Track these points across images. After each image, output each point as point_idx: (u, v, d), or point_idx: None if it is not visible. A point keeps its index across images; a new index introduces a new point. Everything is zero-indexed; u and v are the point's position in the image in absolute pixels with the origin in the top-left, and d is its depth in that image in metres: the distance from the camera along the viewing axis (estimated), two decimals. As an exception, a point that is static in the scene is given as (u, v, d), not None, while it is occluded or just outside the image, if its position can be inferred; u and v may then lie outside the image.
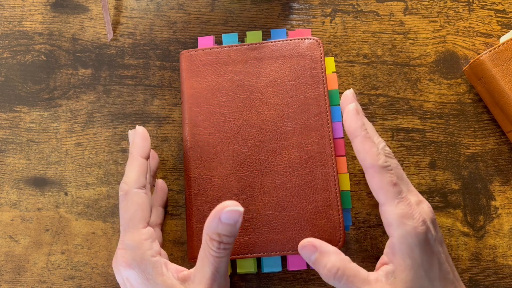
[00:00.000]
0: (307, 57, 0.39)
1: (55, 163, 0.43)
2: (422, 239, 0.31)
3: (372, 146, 0.32)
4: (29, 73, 0.45)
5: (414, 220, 0.31)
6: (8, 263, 0.42)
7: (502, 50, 0.41)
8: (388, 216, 0.32)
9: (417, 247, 0.31)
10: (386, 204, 0.32)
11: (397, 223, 0.31)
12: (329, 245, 0.34)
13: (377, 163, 0.32)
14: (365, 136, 0.33)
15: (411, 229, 0.31)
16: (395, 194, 0.31)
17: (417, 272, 0.31)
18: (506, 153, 0.43)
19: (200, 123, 0.39)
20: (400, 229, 0.31)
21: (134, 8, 0.46)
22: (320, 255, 0.33)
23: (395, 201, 0.31)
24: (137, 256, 0.32)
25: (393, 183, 0.32)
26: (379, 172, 0.32)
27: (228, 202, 0.31)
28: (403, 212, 0.31)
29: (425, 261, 0.31)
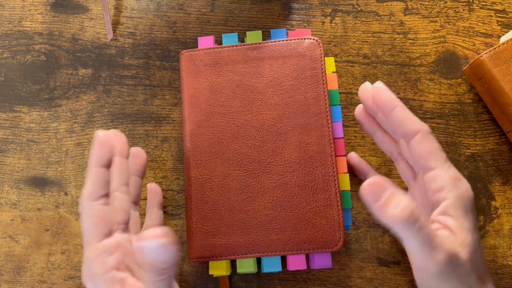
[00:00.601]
0: (307, 57, 0.39)
1: (55, 163, 0.43)
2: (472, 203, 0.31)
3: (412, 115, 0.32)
4: (29, 73, 0.45)
5: (466, 183, 0.31)
6: (8, 263, 0.42)
7: (502, 50, 0.41)
8: (441, 180, 0.31)
9: (470, 209, 0.31)
10: (437, 168, 0.31)
11: (452, 185, 0.31)
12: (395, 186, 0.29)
13: (424, 128, 0.31)
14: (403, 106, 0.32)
15: (466, 191, 0.31)
16: (445, 158, 0.31)
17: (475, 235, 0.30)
18: (506, 153, 0.43)
19: (200, 123, 0.39)
20: (455, 190, 0.31)
21: (134, 8, 0.46)
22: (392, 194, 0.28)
23: (447, 164, 0.31)
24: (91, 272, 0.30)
25: (441, 148, 0.32)
26: (427, 137, 0.31)
27: None
28: (456, 175, 0.31)
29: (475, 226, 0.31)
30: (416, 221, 0.27)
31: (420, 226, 0.27)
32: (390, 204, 0.27)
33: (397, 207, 0.27)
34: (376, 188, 0.28)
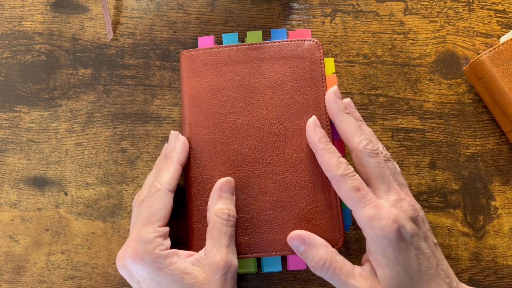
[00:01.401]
0: (307, 59, 0.39)
1: (55, 163, 0.43)
2: (393, 238, 0.32)
3: (331, 157, 0.34)
4: (29, 73, 0.45)
5: (383, 221, 0.32)
6: (8, 263, 0.42)
7: (502, 50, 0.41)
8: (358, 220, 0.33)
9: (388, 246, 0.32)
10: (353, 210, 0.33)
11: (366, 225, 0.33)
12: (317, 237, 0.35)
13: (337, 173, 0.33)
14: (323, 149, 0.35)
15: (379, 230, 0.32)
16: (359, 199, 0.33)
17: (393, 270, 0.32)
18: (506, 153, 0.43)
19: (200, 123, 0.39)
20: (370, 231, 0.32)
21: (134, 8, 0.46)
22: (308, 247, 0.34)
23: (361, 205, 0.33)
24: (149, 249, 0.33)
25: (356, 188, 0.33)
26: (340, 180, 0.33)
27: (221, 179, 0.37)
28: (370, 215, 0.32)
29: (400, 258, 0.32)
30: (328, 270, 0.33)
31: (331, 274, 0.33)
32: (308, 256, 0.34)
33: (312, 259, 0.34)
34: (296, 241, 0.35)
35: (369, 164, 0.34)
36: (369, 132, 0.37)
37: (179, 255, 0.34)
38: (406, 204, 0.34)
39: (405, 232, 0.32)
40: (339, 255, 0.34)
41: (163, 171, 0.37)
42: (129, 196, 0.43)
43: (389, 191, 0.34)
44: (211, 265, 0.33)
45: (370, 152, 0.34)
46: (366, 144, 0.34)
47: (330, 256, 0.33)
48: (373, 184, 0.34)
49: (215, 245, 0.34)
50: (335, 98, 0.36)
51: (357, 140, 0.35)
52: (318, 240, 0.35)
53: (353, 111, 0.37)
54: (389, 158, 0.36)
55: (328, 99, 0.37)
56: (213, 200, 0.36)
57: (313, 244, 0.34)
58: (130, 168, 0.43)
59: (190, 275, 0.33)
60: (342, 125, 0.36)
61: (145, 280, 0.34)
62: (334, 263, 0.33)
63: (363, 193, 0.33)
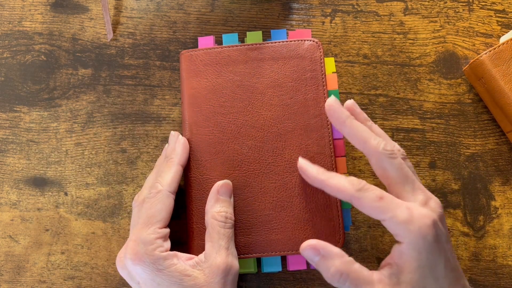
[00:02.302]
0: (307, 59, 0.39)
1: (55, 163, 0.43)
2: (431, 239, 0.30)
3: (339, 181, 0.33)
4: (29, 73, 0.45)
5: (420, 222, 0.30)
6: (8, 263, 0.42)
7: (502, 50, 0.41)
8: (391, 228, 0.31)
9: (425, 250, 0.30)
10: (384, 219, 0.31)
11: (402, 230, 0.31)
12: (332, 246, 0.33)
13: (353, 192, 0.32)
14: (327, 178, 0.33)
15: (417, 233, 0.30)
16: (386, 207, 0.31)
17: (422, 273, 0.31)
18: (506, 153, 0.43)
19: (200, 123, 0.39)
20: (407, 235, 0.31)
21: (134, 8, 0.46)
22: (322, 258, 0.32)
23: (390, 212, 0.31)
24: (149, 251, 0.33)
25: (378, 197, 0.31)
26: (359, 197, 0.32)
27: (218, 182, 0.37)
28: (404, 219, 0.31)
29: (431, 261, 0.31)
30: (345, 281, 0.31)
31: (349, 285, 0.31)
32: (323, 267, 0.32)
33: (327, 271, 0.32)
34: (310, 252, 0.33)
35: (391, 167, 0.32)
36: (381, 132, 0.36)
37: (179, 257, 0.34)
38: (434, 202, 0.32)
39: (440, 232, 0.31)
40: (355, 263, 0.32)
41: (163, 172, 0.37)
42: (129, 196, 0.43)
43: (414, 191, 0.32)
44: (211, 268, 0.33)
45: (390, 153, 0.32)
46: (384, 145, 0.33)
47: (346, 267, 0.31)
48: (397, 186, 0.33)
49: (215, 248, 0.34)
50: (339, 106, 0.34)
51: (374, 143, 0.33)
52: (333, 250, 0.32)
53: (359, 113, 0.36)
54: (405, 156, 0.34)
55: (330, 110, 0.35)
56: (210, 203, 0.36)
57: (328, 255, 0.32)
58: (130, 168, 0.43)
59: (190, 277, 0.33)
60: (352, 132, 0.34)
61: (145, 281, 0.34)
62: (352, 274, 0.31)
63: (388, 199, 0.31)
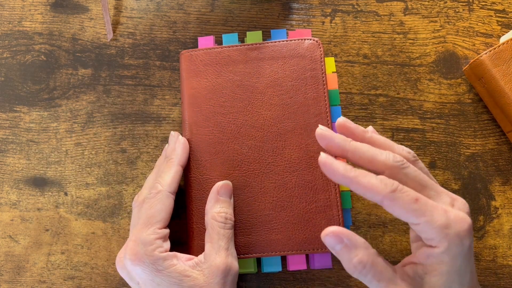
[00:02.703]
0: (307, 58, 0.39)
1: (55, 163, 0.43)
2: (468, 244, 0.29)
3: (369, 180, 0.29)
4: (29, 73, 0.45)
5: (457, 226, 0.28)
6: (8, 263, 0.42)
7: (502, 50, 0.41)
8: (427, 233, 0.29)
9: (460, 254, 0.29)
10: (420, 223, 0.29)
11: (440, 235, 0.28)
12: (357, 236, 0.30)
13: (385, 192, 0.29)
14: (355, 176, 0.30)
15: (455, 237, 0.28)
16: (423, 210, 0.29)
17: (451, 278, 0.29)
18: (506, 153, 0.43)
19: (200, 123, 0.39)
20: (444, 241, 0.28)
21: (134, 8, 0.46)
22: (345, 247, 0.30)
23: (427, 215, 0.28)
24: (148, 251, 0.33)
25: (414, 199, 0.29)
26: (393, 198, 0.29)
27: (218, 182, 0.37)
28: (442, 223, 0.28)
29: (463, 266, 0.29)
30: (368, 273, 0.29)
31: (371, 278, 0.29)
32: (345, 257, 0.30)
33: (350, 261, 0.30)
34: (333, 239, 0.30)
35: (408, 176, 0.30)
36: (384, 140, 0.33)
37: (179, 258, 0.34)
38: (461, 202, 0.30)
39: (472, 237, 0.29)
40: (379, 256, 0.30)
41: (163, 173, 0.37)
42: (129, 196, 0.43)
43: (439, 194, 0.30)
44: (210, 268, 0.33)
45: (402, 163, 0.30)
46: (393, 157, 0.30)
47: (370, 259, 0.29)
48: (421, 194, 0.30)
49: (214, 248, 0.34)
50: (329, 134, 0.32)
51: (382, 158, 0.30)
52: (358, 240, 0.30)
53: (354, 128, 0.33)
54: (416, 158, 0.32)
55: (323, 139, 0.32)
56: (210, 203, 0.36)
57: (353, 245, 0.30)
58: (130, 168, 0.43)
59: (189, 278, 0.33)
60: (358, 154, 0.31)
61: (145, 281, 0.33)
62: (375, 267, 0.29)
63: (423, 201, 0.29)
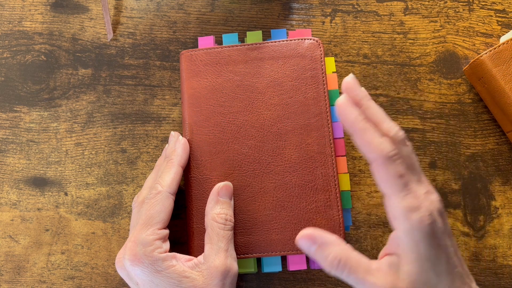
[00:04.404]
0: (307, 58, 0.39)
1: (55, 163, 0.43)
2: (428, 232, 0.30)
3: (373, 137, 0.30)
4: (29, 73, 0.45)
5: (421, 213, 0.29)
6: (8, 263, 0.42)
7: (502, 50, 0.41)
8: (394, 209, 0.30)
9: (422, 241, 0.30)
10: (392, 197, 0.30)
11: (403, 216, 0.30)
12: (328, 234, 0.32)
13: (381, 154, 0.30)
14: (363, 127, 0.30)
15: (417, 222, 0.29)
16: (401, 186, 0.30)
17: (423, 266, 0.30)
18: (506, 153, 0.43)
19: (200, 123, 0.39)
20: (405, 222, 0.30)
21: (134, 8, 0.46)
22: (319, 247, 0.31)
23: (401, 194, 0.30)
24: (148, 252, 0.33)
25: (399, 175, 0.30)
26: (383, 164, 0.30)
27: (219, 183, 0.37)
28: (409, 205, 0.30)
29: (432, 254, 0.30)
30: (344, 268, 0.30)
31: (348, 273, 0.30)
32: (321, 256, 0.31)
33: (325, 259, 0.31)
34: (307, 241, 0.32)
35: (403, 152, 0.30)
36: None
37: (178, 259, 0.34)
38: (435, 197, 0.31)
39: (437, 228, 0.30)
40: (354, 250, 0.31)
41: (164, 173, 0.37)
42: (129, 196, 0.43)
43: (419, 182, 0.31)
44: (209, 270, 0.33)
45: (402, 139, 0.31)
46: (396, 132, 0.31)
47: (344, 254, 0.31)
48: None
49: (214, 249, 0.34)
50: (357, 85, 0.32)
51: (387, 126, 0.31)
52: (330, 238, 0.32)
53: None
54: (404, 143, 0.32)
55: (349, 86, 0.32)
56: (210, 205, 0.36)
57: (325, 243, 0.31)
58: (130, 168, 0.43)
59: (188, 279, 0.33)
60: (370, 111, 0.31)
61: (144, 282, 0.33)
62: (350, 261, 0.31)
63: (406, 180, 0.30)
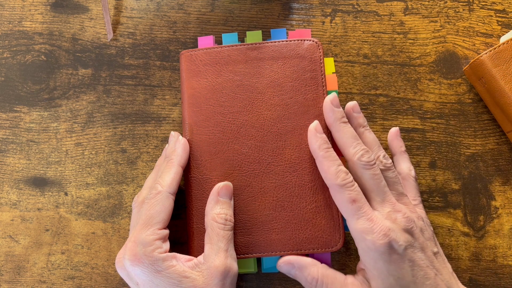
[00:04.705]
0: (306, 59, 0.39)
1: (55, 163, 0.43)
2: (384, 251, 0.32)
3: (330, 165, 0.34)
4: (29, 73, 0.45)
5: (374, 235, 0.32)
6: (8, 263, 0.42)
7: (502, 50, 0.41)
8: (351, 231, 0.34)
9: (379, 259, 0.32)
10: (347, 220, 0.34)
11: (358, 238, 0.33)
12: (304, 258, 0.36)
13: (335, 182, 0.34)
14: (323, 156, 0.35)
15: (370, 243, 0.32)
16: (354, 211, 0.33)
17: (386, 281, 0.33)
18: (506, 153, 0.43)
19: (200, 123, 0.39)
20: (361, 243, 0.33)
21: (134, 8, 0.46)
22: (298, 270, 0.35)
23: (355, 217, 0.33)
24: (148, 252, 0.33)
25: (351, 200, 0.33)
26: (337, 190, 0.34)
27: (219, 183, 0.36)
28: (362, 228, 0.33)
29: (392, 270, 0.32)
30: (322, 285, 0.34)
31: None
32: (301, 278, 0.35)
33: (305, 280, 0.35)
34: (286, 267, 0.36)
35: (363, 176, 0.34)
36: (371, 140, 0.37)
37: (178, 259, 0.34)
38: (401, 216, 0.34)
39: (397, 246, 0.32)
40: (329, 268, 0.35)
41: (164, 173, 0.37)
42: (129, 196, 0.43)
43: (383, 202, 0.34)
44: (209, 270, 0.33)
45: (365, 164, 0.34)
46: (360, 155, 0.34)
47: (320, 273, 0.35)
48: (369, 195, 0.35)
49: (214, 250, 0.34)
50: (331, 107, 0.36)
51: (352, 151, 0.35)
52: (306, 261, 0.35)
53: (357, 117, 0.38)
54: (389, 168, 0.36)
55: (325, 108, 0.37)
56: (210, 205, 0.36)
57: (302, 266, 0.35)
58: (130, 168, 0.43)
59: (188, 279, 0.33)
60: (337, 135, 0.36)
61: (144, 282, 0.33)
62: (326, 278, 0.34)
63: (359, 205, 0.33)
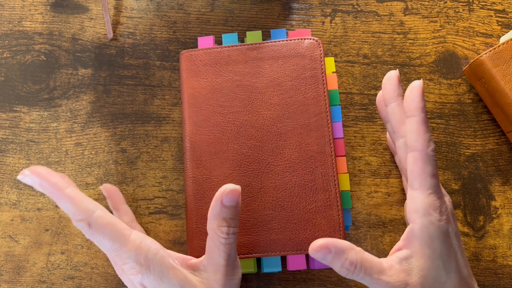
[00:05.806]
0: (307, 57, 0.39)
1: (55, 163, 0.43)
2: (443, 231, 0.32)
3: (426, 131, 0.32)
4: (29, 73, 0.45)
5: (441, 213, 0.32)
6: (8, 263, 0.42)
7: (502, 50, 0.41)
8: (417, 203, 0.32)
9: (437, 238, 0.32)
10: (418, 190, 0.32)
11: (424, 211, 0.32)
12: (341, 241, 0.32)
13: (426, 150, 0.32)
14: (424, 118, 0.32)
15: (436, 220, 0.32)
16: (430, 184, 0.32)
17: (435, 262, 0.32)
18: (506, 153, 0.43)
19: (200, 123, 0.39)
20: (425, 218, 0.32)
21: (134, 8, 0.46)
22: (335, 255, 0.32)
23: (428, 191, 0.32)
24: (141, 259, 0.32)
25: (433, 174, 0.32)
26: (424, 159, 0.32)
27: (226, 185, 0.32)
28: (433, 204, 0.32)
29: (444, 253, 0.32)
30: (360, 271, 0.32)
31: (363, 275, 0.32)
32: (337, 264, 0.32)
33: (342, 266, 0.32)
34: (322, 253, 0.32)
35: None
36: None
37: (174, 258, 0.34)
38: (448, 199, 0.34)
39: (451, 229, 0.32)
40: (365, 252, 0.33)
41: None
42: (129, 196, 0.43)
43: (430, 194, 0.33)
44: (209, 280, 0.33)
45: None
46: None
47: (359, 257, 0.32)
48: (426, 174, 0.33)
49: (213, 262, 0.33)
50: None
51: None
52: (344, 244, 0.32)
53: None
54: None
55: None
56: (213, 212, 0.33)
57: (340, 250, 0.32)
58: (130, 168, 0.43)
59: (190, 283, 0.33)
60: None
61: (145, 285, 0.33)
62: (365, 263, 0.32)
63: (436, 181, 0.32)
